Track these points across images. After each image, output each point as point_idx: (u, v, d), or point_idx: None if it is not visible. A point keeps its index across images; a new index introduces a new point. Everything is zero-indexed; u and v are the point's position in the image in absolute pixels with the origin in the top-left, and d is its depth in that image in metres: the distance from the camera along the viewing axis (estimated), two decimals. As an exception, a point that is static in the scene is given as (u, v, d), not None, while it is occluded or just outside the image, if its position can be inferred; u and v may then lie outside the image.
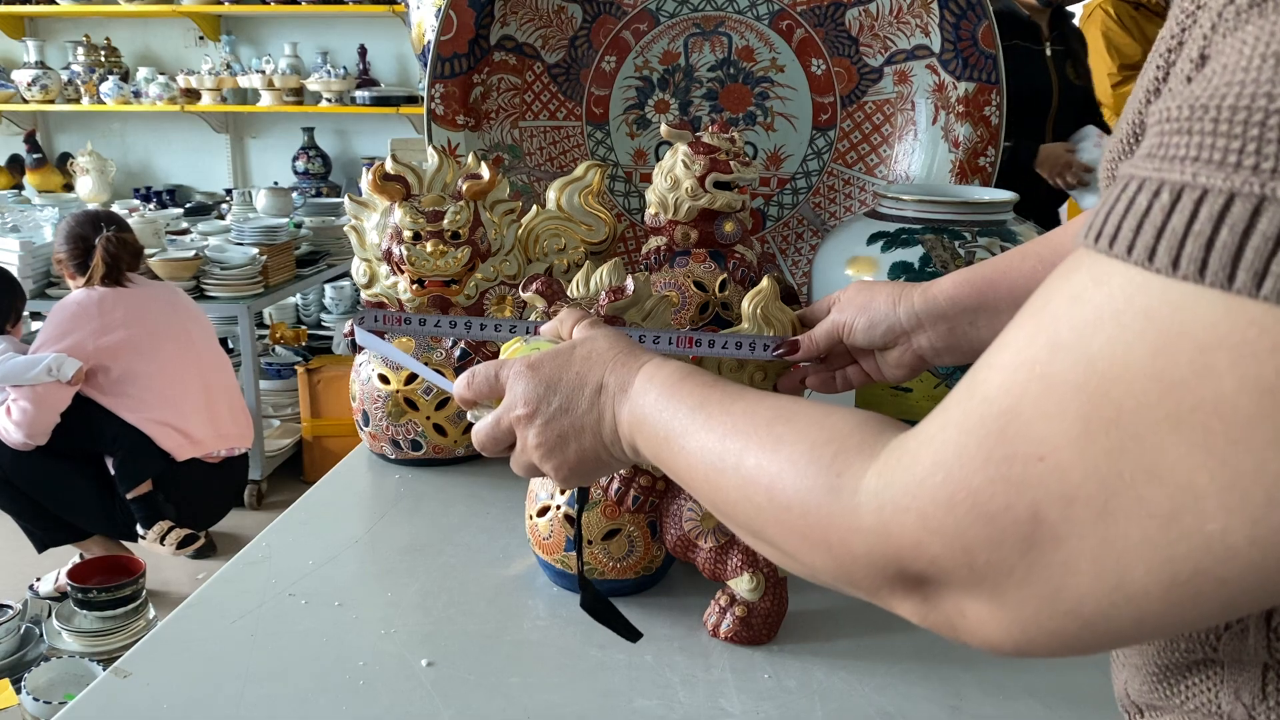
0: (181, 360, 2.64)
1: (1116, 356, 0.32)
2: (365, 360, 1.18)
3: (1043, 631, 0.35)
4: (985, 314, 0.75)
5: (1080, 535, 0.33)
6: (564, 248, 1.20)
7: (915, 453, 0.38)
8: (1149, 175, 0.33)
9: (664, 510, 0.84)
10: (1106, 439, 0.32)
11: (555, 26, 1.46)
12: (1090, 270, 0.34)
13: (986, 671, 0.77)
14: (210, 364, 2.74)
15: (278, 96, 4.42)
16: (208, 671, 0.77)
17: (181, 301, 2.76)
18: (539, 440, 0.62)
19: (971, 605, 0.37)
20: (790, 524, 0.44)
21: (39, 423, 2.45)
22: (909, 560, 0.38)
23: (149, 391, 2.56)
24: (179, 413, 2.61)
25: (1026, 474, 0.34)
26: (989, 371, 0.36)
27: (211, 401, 2.71)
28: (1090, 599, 0.34)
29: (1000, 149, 1.43)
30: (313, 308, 4.09)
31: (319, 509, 1.08)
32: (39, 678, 2.02)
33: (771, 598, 0.80)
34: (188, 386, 2.64)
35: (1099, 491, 0.32)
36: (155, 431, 2.57)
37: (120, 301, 2.55)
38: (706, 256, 1.25)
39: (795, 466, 0.44)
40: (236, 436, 2.79)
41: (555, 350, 0.63)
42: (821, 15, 1.45)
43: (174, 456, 2.61)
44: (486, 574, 0.92)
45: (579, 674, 0.77)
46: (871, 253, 1.12)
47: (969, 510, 0.35)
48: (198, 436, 2.66)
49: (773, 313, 0.84)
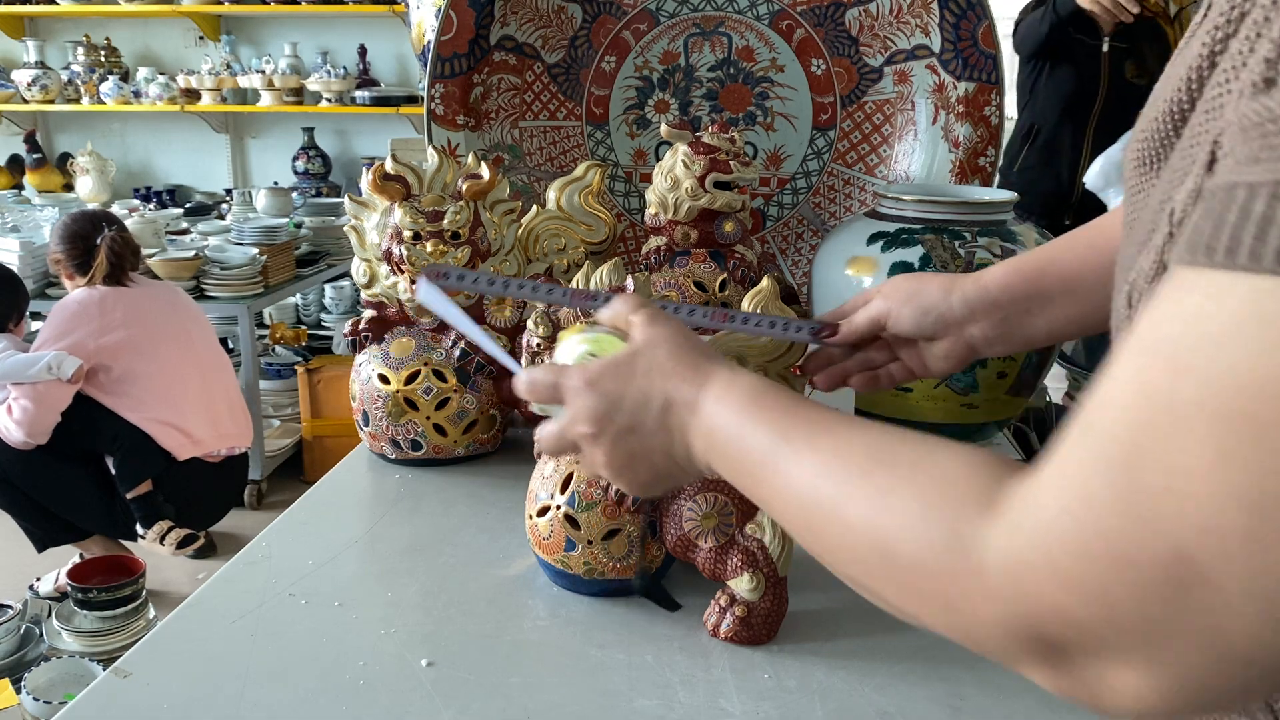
0: (181, 360, 2.64)
1: (1251, 370, 0.30)
2: (365, 360, 1.18)
3: (1204, 684, 0.32)
4: (1038, 301, 0.75)
5: (1230, 568, 0.30)
6: (564, 248, 1.20)
7: (1039, 500, 0.35)
8: (1261, 179, 0.31)
9: (664, 510, 0.84)
10: (1246, 459, 0.30)
11: (555, 26, 1.46)
12: (1205, 288, 0.32)
13: (986, 671, 0.77)
14: (210, 364, 2.74)
15: (278, 96, 4.42)
16: (208, 671, 0.77)
17: (181, 301, 2.76)
18: (607, 460, 0.60)
19: (1118, 670, 0.34)
20: (903, 582, 0.41)
21: (40, 422, 2.45)
22: (1046, 623, 0.35)
23: (149, 391, 2.57)
24: (179, 412, 2.61)
25: (1161, 509, 0.31)
26: (1103, 410, 0.34)
27: (211, 401, 2.71)
28: (1252, 637, 0.31)
29: (1000, 149, 1.43)
30: (313, 308, 4.09)
31: (319, 509, 1.08)
32: (39, 678, 2.02)
33: (771, 598, 0.80)
34: (188, 386, 2.64)
35: (1244, 516, 0.30)
36: (156, 431, 2.57)
37: (120, 301, 2.55)
38: (706, 256, 1.25)
39: (905, 520, 0.40)
40: (236, 436, 2.79)
41: (614, 362, 0.60)
42: (821, 15, 1.45)
43: (174, 456, 2.62)
44: (486, 574, 0.92)
45: (579, 674, 0.77)
46: (871, 253, 1.12)
47: (1106, 558, 0.33)
48: (198, 436, 2.66)
49: (773, 313, 0.84)
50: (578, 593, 0.88)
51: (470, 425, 1.16)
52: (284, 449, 3.47)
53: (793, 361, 0.85)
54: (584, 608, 0.86)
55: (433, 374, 1.14)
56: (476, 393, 1.15)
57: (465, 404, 1.15)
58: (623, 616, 0.85)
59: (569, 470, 0.86)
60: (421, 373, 1.14)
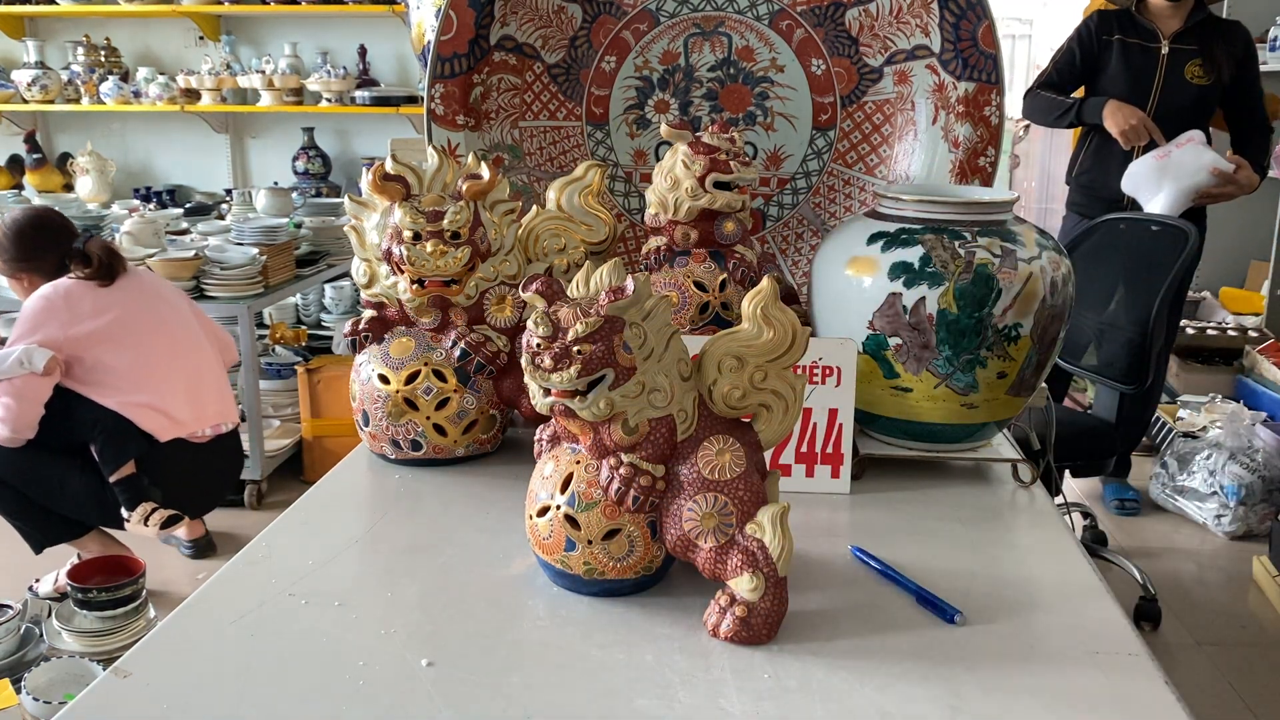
0: (155, 343, 2.62)
1: None
2: (365, 360, 1.18)
3: None
4: None
5: None
6: (564, 248, 1.20)
7: None
8: None
9: (664, 510, 0.84)
10: None
11: (555, 26, 1.46)
12: None
13: (986, 672, 0.77)
14: (186, 343, 2.72)
15: (278, 96, 4.42)
16: (208, 671, 0.77)
17: (149, 285, 2.73)
18: None
19: None
20: None
21: (23, 416, 2.46)
22: None
23: (124, 378, 2.56)
24: (158, 394, 2.60)
25: None
26: None
27: (191, 381, 2.69)
28: None
29: (1000, 149, 1.43)
30: (313, 308, 4.09)
31: (319, 509, 1.08)
32: (39, 678, 2.02)
33: (771, 598, 0.80)
34: (165, 368, 2.63)
35: None
36: (135, 414, 2.56)
37: (87, 293, 2.55)
38: (706, 256, 1.25)
39: None
40: (219, 414, 2.77)
41: None
42: (821, 15, 1.45)
43: (156, 437, 2.60)
44: (486, 574, 0.92)
45: (579, 674, 0.77)
46: (871, 253, 1.12)
47: None
48: (179, 417, 2.64)
49: (773, 313, 0.84)
50: (578, 593, 0.88)
51: (470, 425, 1.16)
52: (284, 449, 3.47)
53: (793, 361, 0.85)
54: (584, 608, 0.86)
55: (433, 374, 1.14)
56: (476, 393, 1.15)
57: (465, 404, 1.15)
58: (623, 616, 0.85)
59: (569, 470, 0.86)
60: (421, 373, 1.14)
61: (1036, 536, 1.05)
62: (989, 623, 0.85)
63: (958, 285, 1.07)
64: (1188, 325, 3.89)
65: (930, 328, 1.09)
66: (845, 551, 0.96)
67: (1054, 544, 1.02)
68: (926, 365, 1.11)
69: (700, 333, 1.21)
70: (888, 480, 1.16)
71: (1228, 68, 2.81)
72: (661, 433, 0.82)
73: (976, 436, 1.18)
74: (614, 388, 0.79)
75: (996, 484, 1.17)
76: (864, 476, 1.16)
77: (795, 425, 0.92)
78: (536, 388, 0.81)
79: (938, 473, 1.19)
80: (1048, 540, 1.03)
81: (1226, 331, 3.87)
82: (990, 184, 1.42)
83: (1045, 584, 0.93)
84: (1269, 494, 3.04)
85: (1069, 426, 2.47)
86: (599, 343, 0.78)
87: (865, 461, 1.17)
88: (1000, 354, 1.10)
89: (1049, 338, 1.13)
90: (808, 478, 1.12)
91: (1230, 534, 3.05)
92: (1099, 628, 0.84)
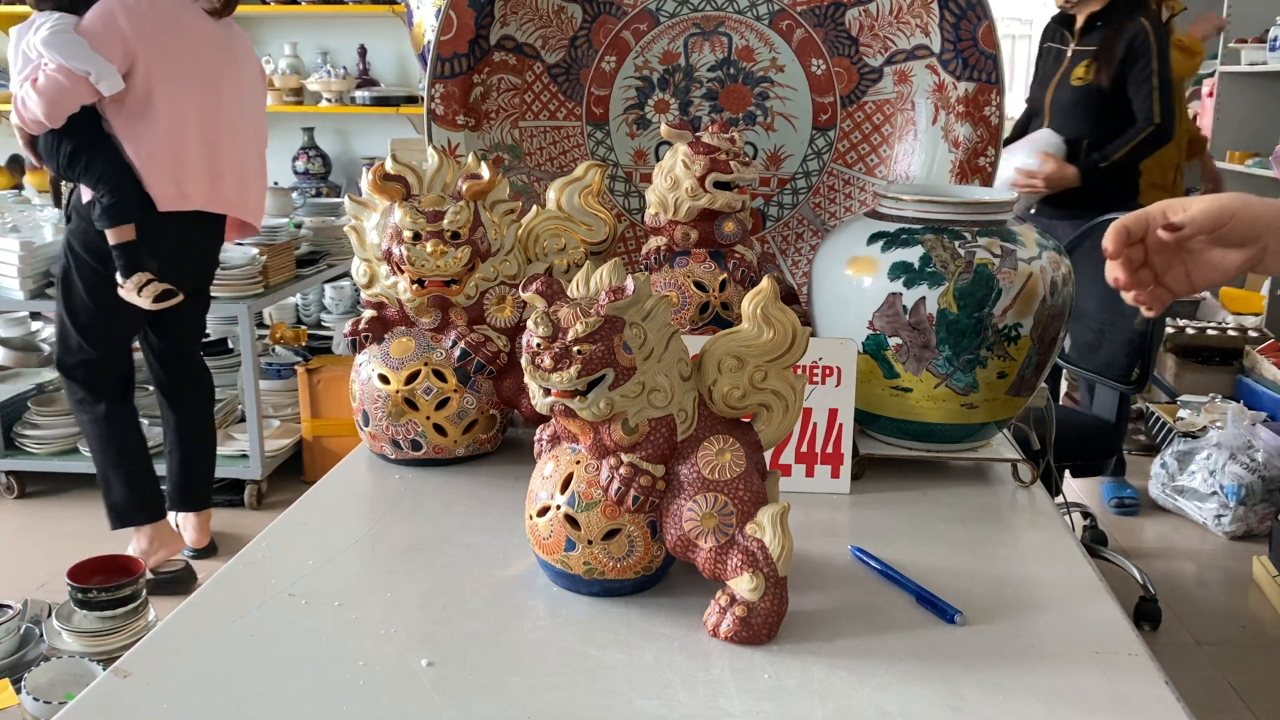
0: (200, 104, 2.58)
1: None
2: (365, 360, 1.18)
3: None
4: None
5: None
6: (564, 248, 1.20)
7: None
8: None
9: (664, 510, 0.84)
10: None
11: (555, 26, 1.46)
12: None
13: (986, 671, 0.77)
14: (230, 126, 2.66)
15: (278, 96, 4.42)
16: (208, 671, 0.77)
17: (241, 47, 2.68)
18: None
19: None
20: None
21: (60, 106, 2.43)
22: None
23: (153, 129, 2.52)
24: (177, 159, 2.56)
25: None
26: None
27: (219, 159, 2.64)
28: None
29: (1000, 149, 1.43)
30: (313, 308, 4.09)
31: (319, 509, 1.08)
32: (39, 678, 2.02)
33: (771, 598, 0.80)
34: (197, 136, 2.58)
35: None
36: (149, 171, 2.53)
37: (154, 7, 2.51)
38: (706, 256, 1.25)
39: None
40: (237, 205, 2.71)
41: None
42: (821, 15, 1.45)
43: (156, 205, 2.55)
44: (486, 574, 0.93)
45: (579, 674, 0.77)
46: (871, 253, 1.12)
47: None
48: (189, 190, 2.60)
49: (773, 313, 0.84)
50: (578, 593, 0.88)
51: (470, 425, 1.16)
52: (284, 449, 3.47)
53: (793, 361, 0.85)
54: (584, 608, 0.86)
55: (433, 374, 1.14)
56: (476, 393, 1.15)
57: (465, 404, 1.15)
58: (623, 616, 0.85)
59: (569, 470, 0.86)
60: (421, 373, 1.14)
61: (1036, 536, 1.05)
62: (989, 623, 0.85)
63: (958, 285, 1.08)
64: (1188, 325, 3.89)
65: (930, 328, 1.09)
66: (845, 551, 0.97)
67: (1054, 544, 1.02)
68: (926, 365, 1.11)
69: (700, 333, 1.21)
70: (888, 480, 1.16)
71: (1112, 68, 2.90)
72: (661, 433, 0.82)
73: (976, 436, 1.18)
74: (614, 388, 0.79)
75: (996, 484, 1.17)
76: (864, 476, 1.16)
77: (795, 425, 0.92)
78: (536, 388, 0.81)
79: (938, 473, 1.19)
80: (1048, 540, 1.03)
81: (1226, 331, 3.87)
82: (990, 184, 1.42)
83: (1045, 584, 0.93)
84: (1269, 494, 3.04)
85: (1069, 426, 2.47)
86: (599, 343, 0.78)
87: (865, 461, 1.17)
88: (1000, 354, 1.10)
89: (1049, 338, 1.13)
90: (808, 478, 1.12)
91: (1230, 534, 3.06)
92: (1099, 628, 0.84)
